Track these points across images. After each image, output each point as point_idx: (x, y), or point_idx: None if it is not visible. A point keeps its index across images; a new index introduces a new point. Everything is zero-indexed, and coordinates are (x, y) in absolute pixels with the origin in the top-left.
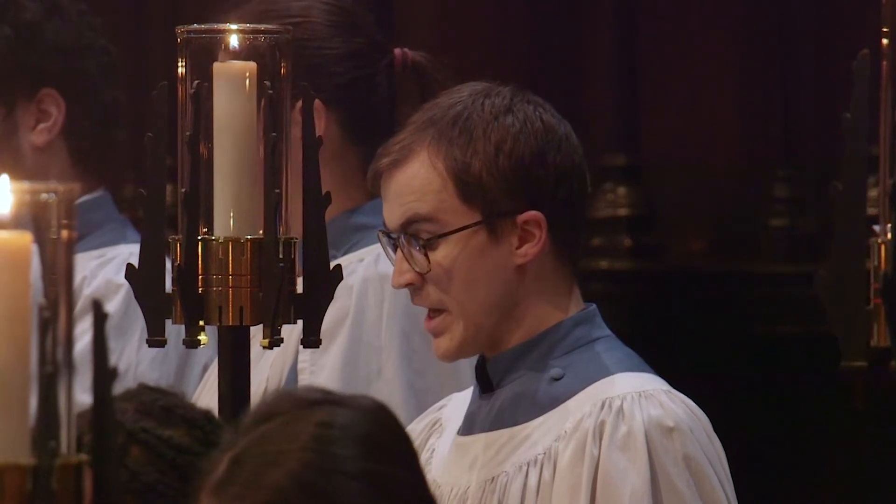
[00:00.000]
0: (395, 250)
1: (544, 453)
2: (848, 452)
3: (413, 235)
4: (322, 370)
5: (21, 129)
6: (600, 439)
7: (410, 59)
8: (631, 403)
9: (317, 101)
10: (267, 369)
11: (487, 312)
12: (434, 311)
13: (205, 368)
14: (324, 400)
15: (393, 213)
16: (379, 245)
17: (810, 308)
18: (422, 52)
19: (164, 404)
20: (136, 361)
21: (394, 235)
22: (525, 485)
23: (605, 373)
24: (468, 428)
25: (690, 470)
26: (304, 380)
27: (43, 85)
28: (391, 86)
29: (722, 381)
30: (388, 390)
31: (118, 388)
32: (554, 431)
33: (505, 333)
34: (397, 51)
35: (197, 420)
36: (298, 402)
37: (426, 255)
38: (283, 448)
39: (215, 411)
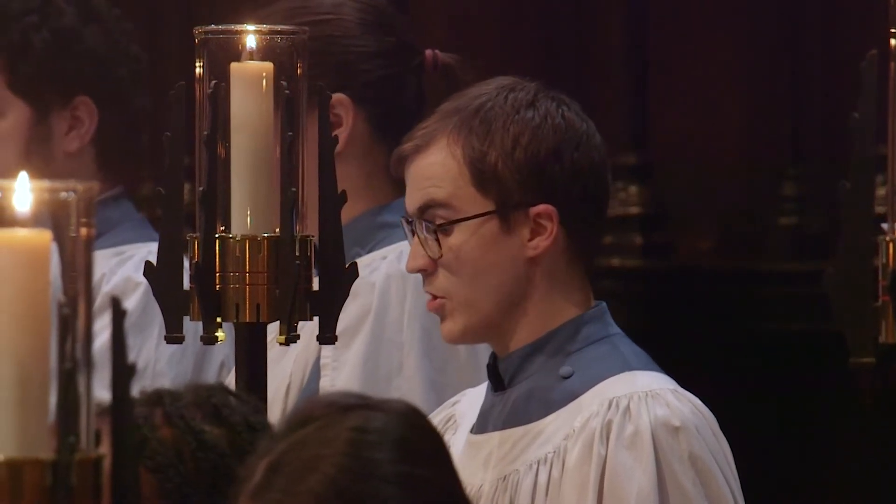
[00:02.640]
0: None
1: (554, 452)
2: (855, 450)
3: (428, 221)
4: (344, 366)
5: (55, 135)
6: (607, 439)
7: (441, 60)
8: (637, 403)
9: (346, 98)
10: (290, 366)
11: (496, 303)
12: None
13: (222, 365)
14: (358, 404)
15: (412, 197)
16: (402, 243)
17: (818, 306)
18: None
19: (218, 402)
20: (155, 358)
21: (412, 220)
22: (535, 483)
23: (613, 371)
24: (482, 426)
25: (696, 469)
26: (327, 376)
27: (78, 92)
28: (420, 86)
29: (729, 379)
30: (409, 386)
31: (136, 385)
32: (563, 430)
33: (514, 326)
34: (428, 52)
35: (237, 425)
36: (333, 407)
37: (438, 241)
38: (319, 453)
39: None
